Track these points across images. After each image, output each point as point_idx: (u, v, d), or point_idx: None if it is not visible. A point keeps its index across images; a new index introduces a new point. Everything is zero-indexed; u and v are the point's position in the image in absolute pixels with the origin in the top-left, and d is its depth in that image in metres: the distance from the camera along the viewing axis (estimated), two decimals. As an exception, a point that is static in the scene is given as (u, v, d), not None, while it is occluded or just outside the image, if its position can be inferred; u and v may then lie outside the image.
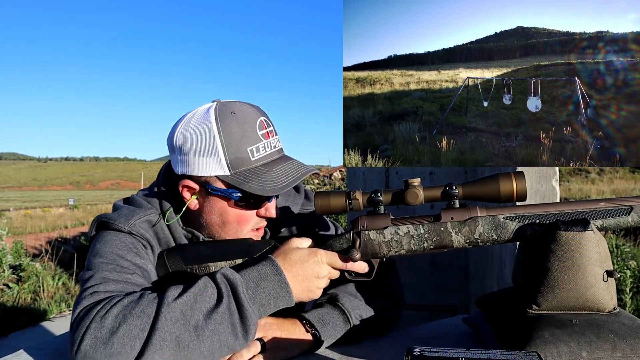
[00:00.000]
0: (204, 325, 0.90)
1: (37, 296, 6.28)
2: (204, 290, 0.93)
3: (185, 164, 1.13)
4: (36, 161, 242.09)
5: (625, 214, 0.97)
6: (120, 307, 0.90)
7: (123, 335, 0.86)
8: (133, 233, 1.10)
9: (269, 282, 0.97)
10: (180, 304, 0.90)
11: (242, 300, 0.92)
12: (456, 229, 0.99)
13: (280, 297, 0.97)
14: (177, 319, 0.88)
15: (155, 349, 0.86)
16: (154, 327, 0.87)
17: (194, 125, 1.12)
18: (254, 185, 1.09)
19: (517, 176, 0.98)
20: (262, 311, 0.96)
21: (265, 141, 1.14)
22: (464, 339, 1.17)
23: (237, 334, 0.92)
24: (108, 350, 0.86)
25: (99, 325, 0.88)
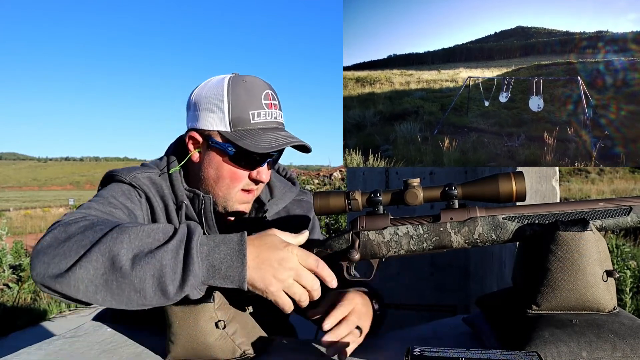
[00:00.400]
0: (143, 256, 0.89)
1: (37, 296, 6.28)
2: (161, 227, 0.94)
3: (195, 118, 1.27)
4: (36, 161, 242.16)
5: (625, 214, 0.97)
6: (87, 222, 0.97)
7: (75, 242, 0.92)
8: (132, 184, 1.23)
9: (228, 248, 0.92)
10: (133, 229, 0.92)
11: (192, 250, 0.90)
12: (455, 229, 0.99)
13: (233, 267, 0.91)
14: (121, 240, 0.90)
15: (92, 259, 0.89)
16: (100, 240, 0.90)
17: (209, 86, 1.27)
18: (247, 142, 1.21)
19: (517, 176, 0.98)
20: (210, 272, 0.91)
21: (267, 110, 1.26)
22: (464, 339, 1.17)
23: (174, 279, 0.89)
24: (58, 250, 0.91)
25: (62, 229, 0.95)
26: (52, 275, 0.90)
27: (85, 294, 0.90)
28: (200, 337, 1.01)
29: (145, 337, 1.17)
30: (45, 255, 0.92)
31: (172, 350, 1.03)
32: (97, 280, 0.89)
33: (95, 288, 0.89)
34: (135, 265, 0.88)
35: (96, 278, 0.89)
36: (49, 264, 0.91)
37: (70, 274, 0.89)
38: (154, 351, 1.09)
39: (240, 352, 1.03)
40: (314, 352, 1.09)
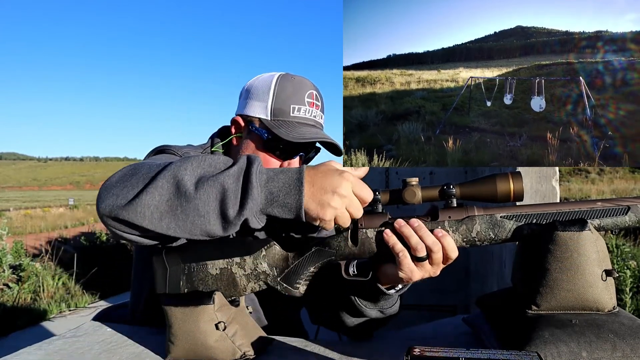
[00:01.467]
0: (206, 180, 0.90)
1: (37, 296, 6.28)
2: (222, 158, 0.97)
3: (243, 105, 1.38)
4: (36, 161, 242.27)
5: (623, 213, 0.97)
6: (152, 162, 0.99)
7: (142, 174, 0.94)
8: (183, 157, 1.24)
9: (287, 177, 0.93)
10: (195, 158, 0.94)
11: (252, 176, 0.91)
12: (453, 228, 0.99)
13: (291, 194, 0.91)
14: (185, 167, 0.92)
15: (157, 185, 0.91)
16: (165, 168, 0.93)
17: (262, 78, 1.38)
18: (282, 131, 1.29)
19: (514, 176, 0.98)
20: (269, 199, 0.92)
21: (308, 108, 1.35)
22: (464, 339, 1.17)
23: (235, 203, 0.90)
24: (126, 183, 0.94)
25: (130, 168, 0.99)
26: (120, 205, 0.92)
27: (150, 220, 0.91)
28: (200, 338, 1.01)
29: (145, 337, 1.17)
30: (114, 188, 0.94)
31: (172, 351, 1.03)
32: (162, 207, 0.90)
33: (160, 214, 0.91)
34: (198, 188, 0.90)
35: (161, 204, 0.90)
36: (118, 195, 0.93)
37: (136, 201, 0.90)
38: (154, 351, 1.09)
39: (240, 353, 1.03)
40: (314, 352, 1.09)
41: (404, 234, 0.96)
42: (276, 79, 1.35)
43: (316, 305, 1.29)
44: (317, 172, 0.94)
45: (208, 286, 1.04)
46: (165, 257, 1.09)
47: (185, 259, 1.08)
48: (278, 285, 1.04)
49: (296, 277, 1.04)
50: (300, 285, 1.04)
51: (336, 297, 1.18)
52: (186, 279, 1.05)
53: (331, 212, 0.92)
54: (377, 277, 1.06)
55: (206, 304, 1.00)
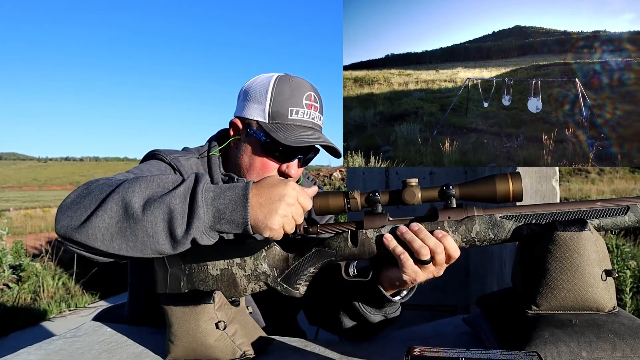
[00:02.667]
0: (153, 201, 0.93)
1: (37, 296, 6.27)
2: (170, 177, 0.99)
3: (241, 107, 1.38)
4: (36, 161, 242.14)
5: (622, 213, 0.97)
6: (106, 180, 1.04)
7: (94, 195, 0.97)
8: (171, 164, 1.30)
9: (233, 194, 0.95)
10: (144, 179, 0.97)
11: (198, 195, 0.93)
12: (453, 228, 0.99)
13: (237, 210, 0.93)
14: (133, 190, 0.95)
15: (107, 208, 0.94)
16: (114, 190, 0.96)
17: (259, 80, 1.37)
18: (279, 135, 1.28)
19: (514, 177, 0.98)
20: (216, 217, 0.93)
21: (306, 110, 1.34)
22: (464, 339, 1.17)
23: (182, 223, 0.92)
24: (80, 204, 0.97)
25: (84, 187, 1.02)
26: (72, 227, 0.96)
27: (102, 242, 0.94)
28: (200, 337, 1.01)
29: (145, 337, 1.17)
30: (68, 210, 0.98)
31: (172, 350, 1.03)
32: (112, 228, 0.94)
33: (111, 236, 0.94)
34: (146, 210, 0.93)
35: (111, 226, 0.94)
36: (71, 217, 0.96)
37: (88, 224, 0.94)
38: (154, 351, 1.09)
39: (240, 352, 1.03)
40: (314, 352, 1.09)
41: (406, 239, 0.97)
42: (274, 81, 1.34)
43: (316, 306, 1.29)
44: (263, 184, 0.97)
45: (208, 287, 1.05)
46: (165, 258, 1.09)
47: (185, 259, 1.08)
48: (278, 286, 1.04)
49: (296, 277, 1.04)
50: (301, 286, 1.04)
51: (336, 298, 1.18)
52: (187, 279, 1.05)
53: (279, 220, 0.94)
54: (380, 283, 1.06)
55: (206, 303, 1.00)
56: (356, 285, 1.11)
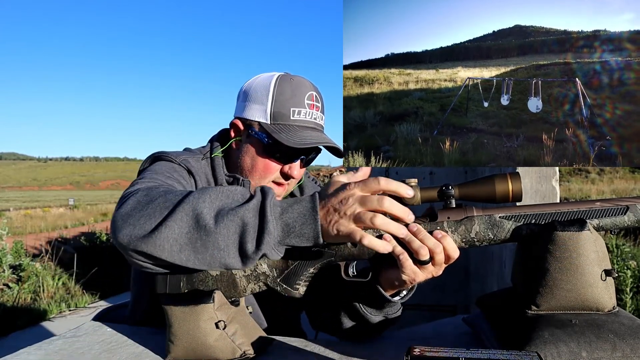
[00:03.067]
0: (225, 213, 0.90)
1: (37, 296, 6.28)
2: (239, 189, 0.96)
3: (242, 107, 1.36)
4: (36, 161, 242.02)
5: (622, 213, 0.97)
6: (164, 187, 1.04)
7: (158, 204, 0.94)
8: (182, 164, 1.29)
9: (301, 207, 0.91)
10: (213, 190, 0.94)
11: (266, 209, 0.90)
12: (452, 228, 0.99)
13: (307, 224, 0.90)
14: (204, 200, 0.91)
15: (177, 218, 0.90)
16: (182, 200, 0.93)
17: (260, 80, 1.36)
18: (282, 136, 1.28)
19: (513, 177, 0.98)
20: (285, 231, 0.90)
21: (308, 110, 1.33)
22: (464, 339, 1.17)
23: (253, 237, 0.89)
24: (143, 212, 0.94)
25: (144, 194, 0.99)
26: (138, 236, 0.92)
27: (170, 253, 0.91)
28: (200, 337, 1.01)
29: (145, 337, 1.17)
30: (130, 217, 0.94)
31: (172, 350, 1.03)
32: (181, 239, 0.90)
33: (179, 247, 0.91)
34: (218, 222, 0.89)
35: (181, 237, 0.90)
36: (135, 226, 0.93)
37: (156, 234, 0.91)
38: (154, 351, 1.09)
39: (240, 352, 1.03)
40: (314, 352, 1.09)
41: (405, 240, 0.94)
42: (275, 81, 1.33)
43: (316, 307, 1.29)
44: (326, 194, 0.93)
45: (208, 287, 1.05)
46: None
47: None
48: (278, 286, 1.04)
49: (296, 278, 1.04)
50: (300, 287, 1.04)
51: (336, 299, 1.18)
52: (186, 279, 1.05)
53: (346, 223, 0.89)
54: (380, 283, 1.06)
55: (206, 303, 1.00)
56: (356, 286, 1.11)
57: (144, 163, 1.32)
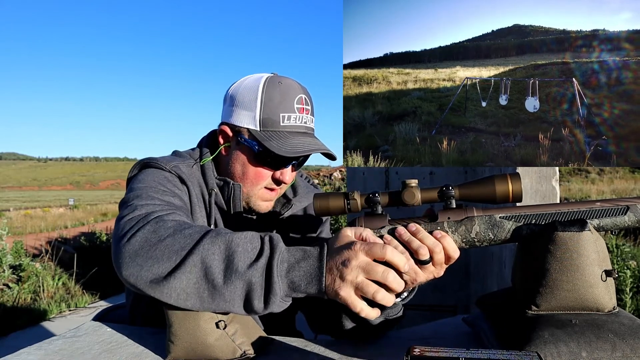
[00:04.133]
0: (235, 270, 0.90)
1: (37, 296, 6.28)
2: (250, 241, 0.94)
3: (229, 113, 1.32)
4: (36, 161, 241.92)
5: (622, 213, 0.97)
6: (174, 223, 1.00)
7: (167, 246, 0.94)
8: (172, 172, 1.25)
9: (308, 265, 0.91)
10: (222, 240, 0.93)
11: (273, 271, 0.90)
12: (452, 228, 0.99)
13: (312, 284, 0.90)
14: (214, 252, 0.92)
15: (186, 270, 0.91)
16: (193, 250, 0.92)
17: (246, 83, 1.31)
18: (273, 144, 1.24)
19: (513, 177, 0.98)
20: (290, 289, 0.91)
21: (298, 114, 1.29)
22: (464, 339, 1.17)
23: (260, 296, 0.90)
24: (151, 253, 0.94)
25: (152, 228, 0.97)
26: (145, 279, 0.93)
27: (176, 300, 0.93)
28: (200, 337, 1.01)
29: (145, 337, 1.17)
30: (138, 257, 0.94)
31: (172, 350, 1.03)
32: (189, 289, 0.92)
33: (186, 296, 0.92)
34: (227, 279, 0.91)
35: (189, 287, 0.92)
36: (142, 267, 0.93)
37: (164, 283, 0.92)
38: (154, 351, 1.09)
39: (241, 352, 1.04)
40: (314, 352, 1.09)
41: (405, 240, 0.96)
42: (263, 86, 1.28)
43: (315, 309, 1.28)
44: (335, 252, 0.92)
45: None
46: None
47: None
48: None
49: None
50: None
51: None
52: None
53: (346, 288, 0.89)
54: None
55: None
56: None
57: (133, 170, 1.30)
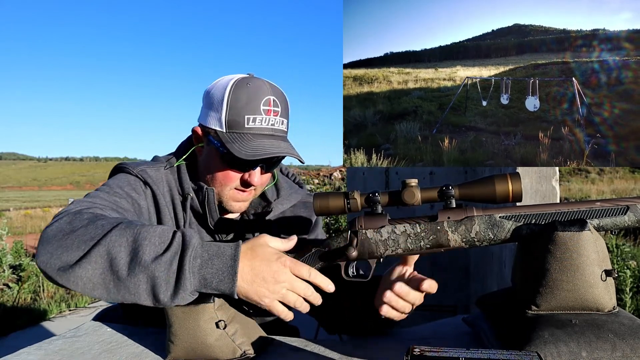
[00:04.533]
0: (139, 263, 0.94)
1: (37, 296, 6.27)
2: (159, 235, 0.97)
3: (203, 113, 1.31)
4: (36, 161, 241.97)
5: (622, 213, 0.97)
6: (90, 214, 1.03)
7: (77, 236, 0.98)
8: (138, 175, 1.28)
9: (221, 262, 0.96)
10: (130, 232, 0.97)
11: (185, 266, 0.94)
12: (452, 228, 0.99)
13: (224, 282, 0.95)
14: (120, 244, 0.95)
15: (91, 260, 0.95)
16: (100, 241, 0.96)
17: (218, 85, 1.29)
18: (234, 146, 1.22)
19: (513, 177, 0.98)
20: (202, 284, 0.96)
21: (264, 116, 1.25)
22: (464, 339, 1.17)
23: (166, 290, 0.94)
24: (62, 242, 0.98)
25: (68, 219, 1.02)
26: (54, 267, 0.97)
27: (83, 289, 0.96)
28: (200, 337, 1.01)
29: (145, 337, 1.17)
30: (49, 245, 0.98)
31: (172, 350, 1.03)
32: (95, 279, 0.95)
33: (93, 285, 0.96)
34: (130, 272, 0.94)
35: (94, 277, 0.95)
36: (52, 255, 0.97)
37: (70, 271, 0.95)
38: (154, 351, 1.09)
39: (241, 352, 1.04)
40: (314, 352, 1.09)
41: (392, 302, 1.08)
42: (230, 87, 1.25)
43: (330, 311, 1.27)
44: (254, 256, 0.98)
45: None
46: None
47: None
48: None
49: None
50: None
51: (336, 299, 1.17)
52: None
53: (271, 297, 0.98)
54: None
55: (206, 303, 1.00)
56: (356, 286, 1.12)
57: (110, 174, 1.35)
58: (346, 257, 1.02)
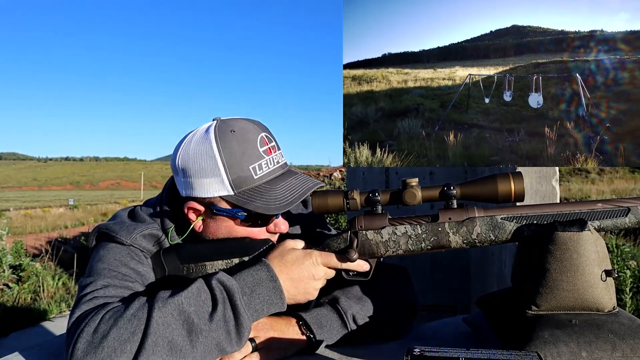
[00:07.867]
0: (198, 330, 0.90)
1: (37, 296, 6.28)
2: (197, 294, 0.93)
3: (190, 186, 1.11)
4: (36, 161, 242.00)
5: (623, 215, 0.97)
6: (112, 311, 0.92)
7: (113, 339, 0.87)
8: (134, 246, 1.09)
9: (264, 289, 0.97)
10: (173, 307, 0.90)
11: (239, 308, 0.93)
12: (454, 229, 0.99)
13: (274, 304, 0.98)
14: (169, 323, 0.89)
15: (148, 353, 0.87)
16: (146, 332, 0.87)
17: (194, 147, 1.10)
18: (258, 204, 1.06)
19: (515, 176, 0.97)
20: (255, 316, 0.97)
21: (268, 157, 1.11)
22: (464, 339, 1.17)
23: (231, 340, 0.93)
24: (99, 355, 0.86)
25: (91, 329, 0.89)
26: None
27: None
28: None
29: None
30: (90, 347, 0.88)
31: None
32: None
33: None
34: (193, 342, 0.90)
35: None
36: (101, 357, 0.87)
37: None
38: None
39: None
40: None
41: None
42: (216, 144, 1.07)
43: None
44: (287, 265, 1.01)
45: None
46: (163, 258, 1.09)
47: (183, 259, 1.08)
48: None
49: None
50: None
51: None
52: (184, 281, 1.04)
53: (315, 293, 1.04)
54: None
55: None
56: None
57: (91, 238, 1.15)
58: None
